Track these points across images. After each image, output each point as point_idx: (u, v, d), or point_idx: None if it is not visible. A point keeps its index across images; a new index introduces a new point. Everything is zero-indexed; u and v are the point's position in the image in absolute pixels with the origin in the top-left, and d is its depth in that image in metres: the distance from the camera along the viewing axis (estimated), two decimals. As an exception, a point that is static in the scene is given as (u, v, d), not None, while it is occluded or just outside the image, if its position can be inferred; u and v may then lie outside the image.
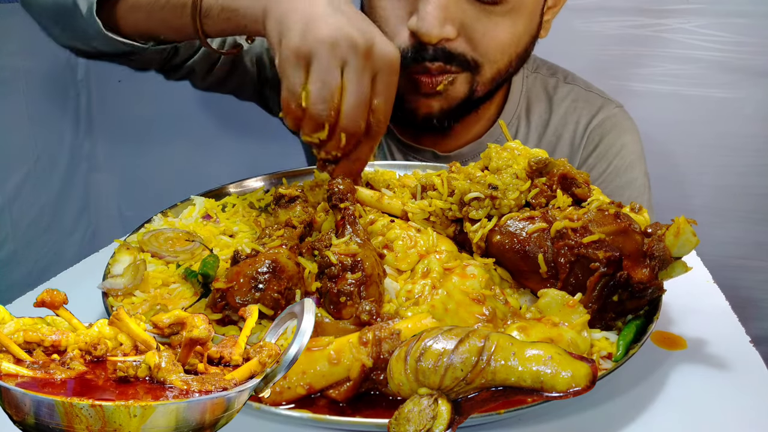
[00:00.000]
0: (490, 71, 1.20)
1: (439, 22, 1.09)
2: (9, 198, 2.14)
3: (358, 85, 0.86)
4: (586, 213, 0.76)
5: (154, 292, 0.83)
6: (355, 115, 0.87)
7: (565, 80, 1.45)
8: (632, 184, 1.38)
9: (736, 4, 1.91)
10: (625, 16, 1.99)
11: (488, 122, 1.38)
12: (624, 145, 1.40)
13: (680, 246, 0.72)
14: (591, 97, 1.43)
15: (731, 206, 2.06)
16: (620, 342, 0.71)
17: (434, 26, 1.09)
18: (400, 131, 1.39)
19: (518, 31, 1.19)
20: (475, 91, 1.21)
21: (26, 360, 0.47)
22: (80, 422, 0.41)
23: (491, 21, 1.15)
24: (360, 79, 0.86)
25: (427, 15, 1.09)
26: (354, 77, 0.86)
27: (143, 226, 0.97)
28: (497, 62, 1.20)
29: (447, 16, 1.10)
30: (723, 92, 1.98)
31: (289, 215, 0.88)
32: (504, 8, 1.15)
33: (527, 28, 1.21)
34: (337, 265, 0.75)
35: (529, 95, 1.41)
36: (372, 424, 0.59)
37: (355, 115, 0.87)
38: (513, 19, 1.17)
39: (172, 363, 0.47)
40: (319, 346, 0.65)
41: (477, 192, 0.83)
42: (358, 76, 0.86)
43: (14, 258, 2.18)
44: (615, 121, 1.41)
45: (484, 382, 0.58)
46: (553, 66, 1.48)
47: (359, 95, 0.86)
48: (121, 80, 2.42)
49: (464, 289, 0.74)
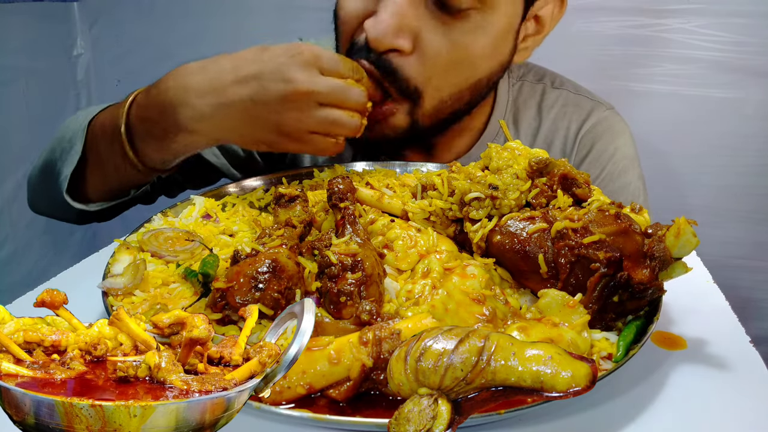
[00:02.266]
0: (431, 102, 1.11)
1: (393, 31, 1.03)
2: (9, 198, 2.15)
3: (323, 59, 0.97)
4: (586, 213, 0.76)
5: (154, 291, 0.83)
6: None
7: (553, 85, 1.41)
8: (626, 188, 1.35)
9: (736, 4, 1.91)
10: (625, 16, 1.99)
11: (476, 134, 1.34)
12: (617, 148, 1.37)
13: (681, 247, 0.72)
14: (581, 101, 1.39)
15: (731, 206, 2.06)
16: (620, 342, 0.71)
17: (386, 34, 1.03)
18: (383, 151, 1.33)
19: (475, 54, 1.10)
20: (417, 122, 1.14)
21: (26, 360, 0.47)
22: (80, 422, 0.41)
23: (448, 38, 1.06)
24: (316, 49, 0.97)
25: (381, 21, 1.03)
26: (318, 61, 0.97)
27: (143, 226, 0.97)
28: (440, 90, 1.11)
29: (402, 26, 1.03)
30: (723, 92, 1.98)
31: (289, 215, 0.88)
32: (466, 25, 1.06)
33: (489, 51, 1.12)
34: (337, 265, 0.75)
35: (517, 104, 1.37)
36: (372, 424, 0.59)
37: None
38: (473, 38, 1.08)
39: (172, 363, 0.47)
40: (319, 346, 0.65)
41: (477, 192, 0.83)
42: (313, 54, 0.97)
43: (14, 258, 2.18)
44: (606, 125, 1.38)
45: (484, 382, 0.58)
46: (539, 71, 1.43)
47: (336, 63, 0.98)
48: (120, 80, 2.43)
49: (464, 289, 0.74)
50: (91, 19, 2.43)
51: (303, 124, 0.97)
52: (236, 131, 1.01)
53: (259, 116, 0.98)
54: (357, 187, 0.91)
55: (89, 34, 2.45)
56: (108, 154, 1.12)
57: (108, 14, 2.42)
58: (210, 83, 0.99)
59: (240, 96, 0.97)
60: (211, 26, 2.31)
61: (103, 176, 1.16)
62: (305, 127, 0.98)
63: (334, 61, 0.99)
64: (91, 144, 1.14)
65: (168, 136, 1.02)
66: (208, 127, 1.01)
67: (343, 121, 0.99)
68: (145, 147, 1.06)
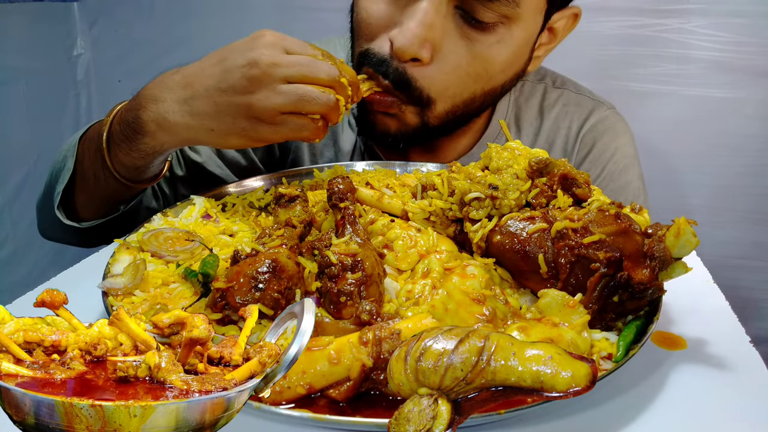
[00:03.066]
0: (443, 106, 1.12)
1: (419, 41, 1.02)
2: (9, 198, 2.15)
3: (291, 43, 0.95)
4: (586, 213, 0.76)
5: (154, 291, 0.83)
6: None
7: (554, 85, 1.41)
8: (627, 188, 1.36)
9: (736, 4, 1.91)
10: (625, 16, 1.99)
11: (478, 134, 1.34)
12: (617, 148, 1.37)
13: (681, 247, 0.72)
14: (582, 101, 1.40)
15: (731, 206, 2.06)
16: (620, 342, 0.71)
17: (412, 44, 1.02)
18: (384, 153, 1.33)
19: (494, 68, 1.11)
20: (428, 123, 1.14)
21: (26, 360, 0.47)
22: (80, 422, 0.41)
23: (470, 52, 1.07)
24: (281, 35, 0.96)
25: (407, 30, 1.02)
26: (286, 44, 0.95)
27: (143, 226, 0.97)
28: (454, 97, 1.12)
29: (427, 37, 1.03)
30: (723, 92, 1.98)
31: (289, 215, 0.88)
32: (490, 39, 1.07)
33: (508, 64, 1.13)
34: (337, 265, 0.75)
35: (518, 103, 1.38)
36: (372, 424, 0.59)
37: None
38: (496, 52, 1.09)
39: (172, 363, 0.47)
40: (319, 346, 0.65)
41: (477, 192, 0.83)
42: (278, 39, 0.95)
43: (14, 258, 2.18)
44: (607, 125, 1.38)
45: (484, 382, 0.58)
46: (541, 70, 1.44)
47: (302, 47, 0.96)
48: (120, 80, 2.43)
49: (464, 289, 0.74)
50: (91, 19, 2.43)
51: (270, 102, 0.92)
52: (205, 127, 0.96)
53: (227, 104, 0.94)
54: (357, 187, 0.91)
55: (89, 34, 2.45)
56: (89, 165, 1.10)
57: (108, 14, 2.42)
58: (183, 78, 0.97)
59: (206, 86, 0.94)
60: (211, 26, 2.31)
61: (87, 190, 1.14)
62: (273, 105, 0.92)
63: (298, 43, 0.96)
64: (80, 158, 1.13)
65: (137, 135, 1.00)
66: (175, 125, 0.97)
67: (313, 96, 0.93)
68: (118, 151, 1.04)
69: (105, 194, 1.13)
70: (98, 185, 1.11)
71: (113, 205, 1.16)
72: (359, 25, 1.12)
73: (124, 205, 1.17)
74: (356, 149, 1.37)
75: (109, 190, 1.11)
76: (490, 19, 1.05)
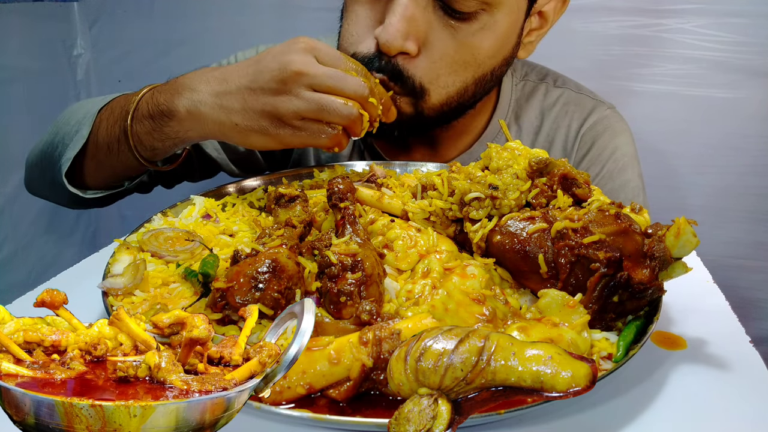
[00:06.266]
0: (437, 97, 1.14)
1: (402, 35, 1.05)
2: (9, 198, 2.15)
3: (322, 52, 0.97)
4: (586, 213, 0.76)
5: (154, 291, 0.83)
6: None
7: (555, 84, 1.42)
8: (626, 187, 1.36)
9: (736, 4, 1.91)
10: (625, 16, 1.99)
11: (479, 132, 1.36)
12: (617, 147, 1.38)
13: (681, 247, 0.72)
14: (582, 100, 1.41)
15: (731, 206, 2.06)
16: (620, 342, 0.71)
17: (396, 38, 1.05)
18: (386, 150, 1.34)
19: (481, 54, 1.13)
20: (423, 113, 1.15)
21: (26, 360, 0.47)
22: (80, 422, 0.41)
23: (455, 40, 1.09)
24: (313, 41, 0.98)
25: (390, 26, 1.05)
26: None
27: (143, 226, 0.97)
28: (447, 87, 1.13)
29: (410, 30, 1.06)
30: (723, 92, 1.98)
31: (289, 215, 0.88)
32: (473, 26, 1.09)
33: (495, 50, 1.14)
34: (337, 265, 0.75)
35: (519, 103, 1.39)
36: (372, 424, 0.59)
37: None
38: (480, 39, 1.11)
39: (172, 363, 0.47)
40: (319, 346, 0.65)
41: (477, 192, 0.83)
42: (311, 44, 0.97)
43: (14, 258, 2.18)
44: (607, 124, 1.39)
45: (484, 382, 0.58)
46: (542, 70, 1.45)
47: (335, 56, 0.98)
48: (120, 80, 2.43)
49: (464, 289, 0.74)
50: (91, 19, 2.43)
51: (293, 105, 0.95)
52: (231, 121, 0.99)
53: (255, 102, 0.97)
54: (357, 186, 0.91)
55: (89, 34, 2.45)
56: (104, 135, 1.13)
57: (108, 14, 2.42)
58: (220, 74, 1.01)
59: (238, 84, 0.98)
60: (211, 26, 2.31)
61: (97, 159, 1.16)
62: (295, 108, 0.95)
63: (333, 55, 0.98)
64: (94, 129, 1.15)
65: (163, 118, 1.03)
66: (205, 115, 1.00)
67: (335, 106, 0.95)
68: (139, 128, 1.06)
69: (115, 166, 1.16)
70: (110, 156, 1.13)
71: (120, 179, 1.20)
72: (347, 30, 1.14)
73: (129, 181, 1.21)
74: (356, 149, 1.37)
75: (120, 164, 1.14)
76: (469, 9, 1.07)
